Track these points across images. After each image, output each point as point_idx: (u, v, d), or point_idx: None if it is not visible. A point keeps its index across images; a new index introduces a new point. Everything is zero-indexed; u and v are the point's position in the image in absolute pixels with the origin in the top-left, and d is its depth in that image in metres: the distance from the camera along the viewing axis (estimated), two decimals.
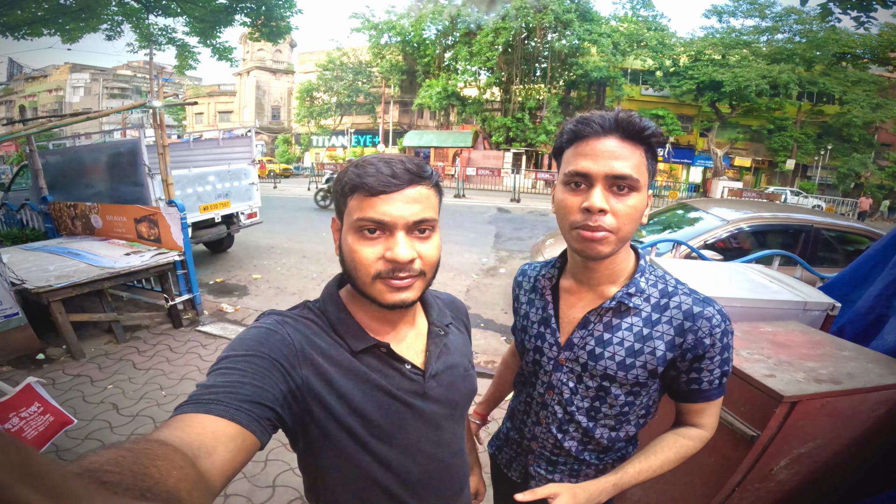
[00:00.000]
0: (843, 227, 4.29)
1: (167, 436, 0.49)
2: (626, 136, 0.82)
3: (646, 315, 0.90)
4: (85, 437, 2.71)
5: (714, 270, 2.15)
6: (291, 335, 0.72)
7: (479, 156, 27.33)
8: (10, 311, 3.54)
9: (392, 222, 0.69)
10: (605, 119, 0.83)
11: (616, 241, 0.85)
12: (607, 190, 0.83)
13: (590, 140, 0.83)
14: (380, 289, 0.72)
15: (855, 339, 1.69)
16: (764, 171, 29.63)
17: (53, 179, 5.97)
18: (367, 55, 31.63)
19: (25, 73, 44.37)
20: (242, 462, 0.56)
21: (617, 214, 0.83)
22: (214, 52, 14.62)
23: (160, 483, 0.36)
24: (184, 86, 42.91)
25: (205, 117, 41.23)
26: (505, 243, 9.08)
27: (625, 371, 0.90)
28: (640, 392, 0.93)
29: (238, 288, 5.93)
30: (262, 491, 2.35)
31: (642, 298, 0.91)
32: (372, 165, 0.71)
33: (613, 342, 0.91)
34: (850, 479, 1.48)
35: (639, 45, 24.85)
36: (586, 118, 0.85)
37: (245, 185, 7.11)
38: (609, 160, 0.81)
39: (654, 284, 0.93)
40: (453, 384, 0.85)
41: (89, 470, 0.32)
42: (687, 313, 0.87)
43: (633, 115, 0.83)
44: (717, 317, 0.87)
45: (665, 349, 0.88)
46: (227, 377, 0.62)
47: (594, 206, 0.81)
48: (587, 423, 0.97)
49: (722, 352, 0.87)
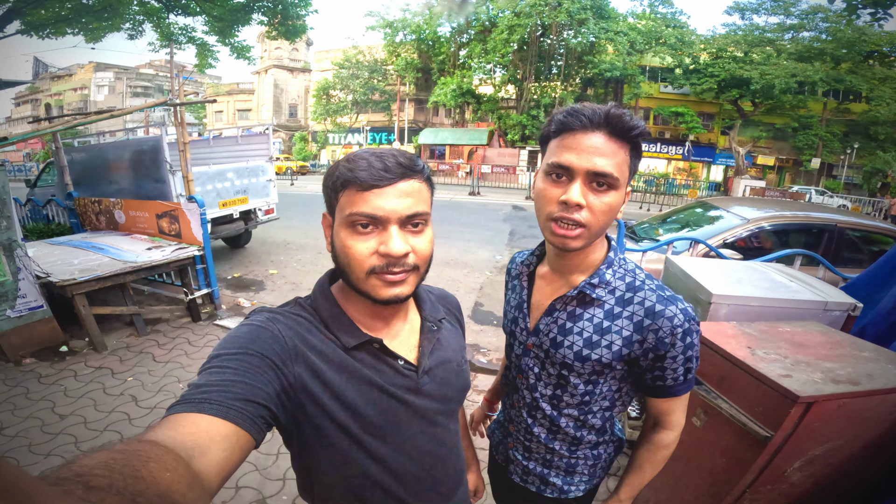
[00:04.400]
0: (868, 226, 4.16)
1: (159, 436, 0.48)
2: (613, 133, 0.82)
3: (608, 307, 0.91)
4: (104, 429, 2.77)
5: (732, 269, 2.11)
6: (283, 332, 0.71)
7: (495, 153, 27.26)
8: (34, 303, 3.65)
9: (385, 216, 0.69)
10: (595, 113, 0.82)
11: (588, 235, 0.86)
12: (586, 185, 0.83)
13: (576, 133, 0.83)
14: (374, 284, 0.72)
15: (877, 340, 1.65)
16: (788, 170, 28.94)
17: (78, 176, 6.13)
18: (383, 53, 31.77)
19: (51, 73, 45.56)
20: (238, 461, 0.55)
21: (593, 210, 0.84)
22: (233, 51, 14.87)
23: (152, 486, 0.35)
24: (204, 84, 43.63)
25: (224, 115, 41.89)
26: (519, 241, 9.04)
27: (581, 361, 0.92)
28: (598, 381, 0.94)
29: (255, 283, 6.03)
30: (273, 483, 2.39)
31: (607, 290, 0.91)
32: (363, 160, 0.70)
33: (574, 331, 0.92)
34: (867, 482, 1.45)
35: (657, 43, 24.47)
36: (576, 110, 0.84)
37: (263, 181, 7.21)
38: (592, 156, 0.81)
39: (622, 277, 0.93)
40: (446, 379, 0.85)
41: (78, 474, 0.31)
42: (649, 311, 0.87)
43: (623, 113, 0.83)
44: (678, 316, 0.86)
45: (621, 345, 0.89)
46: (219, 376, 0.61)
47: (571, 200, 0.82)
48: (551, 410, 1.00)
49: (685, 350, 0.87)
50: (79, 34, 13.14)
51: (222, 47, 14.86)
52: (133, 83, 44.81)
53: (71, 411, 2.95)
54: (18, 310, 3.57)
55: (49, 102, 7.40)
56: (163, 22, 13.72)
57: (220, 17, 13.24)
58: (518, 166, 25.15)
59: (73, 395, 3.15)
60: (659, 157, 29.04)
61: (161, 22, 13.70)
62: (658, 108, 28.04)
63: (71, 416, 2.89)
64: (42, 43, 35.71)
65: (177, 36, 14.08)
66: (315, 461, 0.76)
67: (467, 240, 8.74)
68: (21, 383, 3.28)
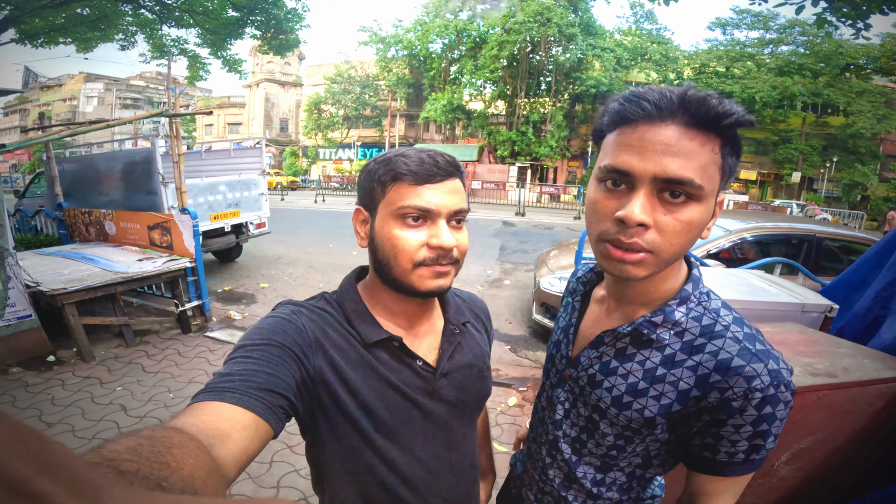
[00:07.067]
0: (846, 236, 4.31)
1: (183, 423, 0.50)
2: (694, 123, 0.60)
3: (669, 353, 0.70)
4: (92, 437, 2.75)
5: (714, 275, 2.19)
6: (306, 325, 0.73)
7: (485, 169, 27.50)
8: (23, 312, 3.62)
9: (437, 210, 0.71)
10: (665, 97, 0.61)
11: (655, 263, 0.65)
12: (655, 196, 0.62)
13: (639, 126, 0.62)
14: (420, 274, 0.73)
15: (854, 339, 1.72)
16: (770, 184, 29.57)
17: (69, 186, 6.10)
18: (375, 68, 32.13)
19: (41, 82, 45.30)
20: (256, 450, 0.56)
21: (663, 231, 0.62)
22: (225, 64, 14.97)
23: (176, 472, 0.36)
24: (194, 97, 43.61)
25: (214, 129, 41.86)
26: (510, 256, 9.12)
27: (618, 409, 0.73)
28: (632, 439, 0.74)
29: (246, 296, 6.00)
30: (267, 492, 2.37)
31: (672, 332, 0.70)
32: (415, 156, 0.73)
33: (618, 373, 0.74)
34: (854, 475, 1.50)
35: (643, 59, 25.11)
36: (638, 95, 0.63)
37: (255, 195, 7.21)
38: (662, 157, 0.60)
39: (698, 318, 0.70)
40: (465, 384, 0.84)
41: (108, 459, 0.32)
42: (721, 364, 0.65)
43: (708, 96, 0.60)
44: (763, 378, 0.62)
45: (673, 398, 0.68)
46: (242, 366, 0.62)
47: (632, 218, 0.61)
48: (570, 455, 0.83)
49: (757, 422, 0.63)
50: (71, 44, 13.16)
51: (214, 60, 14.93)
52: (123, 95, 44.66)
53: (59, 420, 2.92)
54: (7, 318, 3.53)
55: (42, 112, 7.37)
56: (155, 33, 13.81)
57: (213, 29, 13.37)
58: (508, 182, 25.38)
59: (60, 403, 3.11)
60: None
61: (154, 33, 13.80)
62: None
63: (59, 425, 2.86)
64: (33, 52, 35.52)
65: (168, 48, 14.16)
66: (325, 455, 0.77)
67: None
68: (7, 392, 3.24)
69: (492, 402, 3.28)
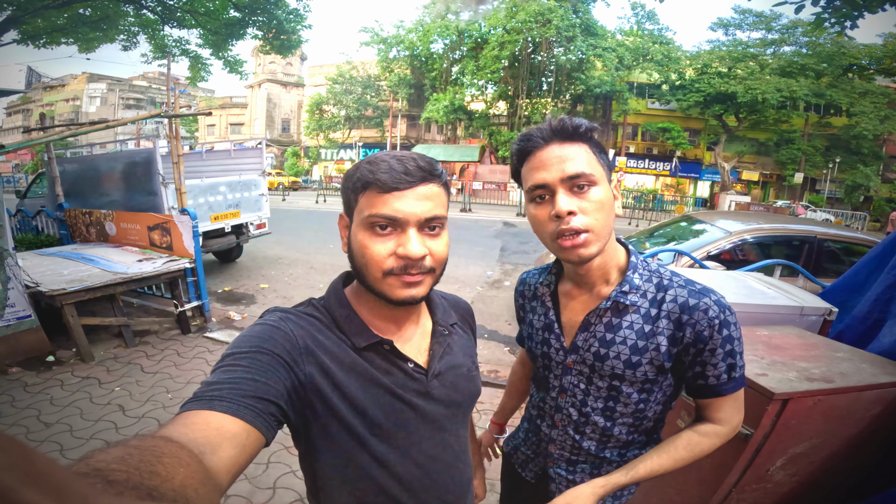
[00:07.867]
0: (847, 238, 4.28)
1: (172, 433, 0.49)
2: (565, 138, 0.86)
3: (644, 311, 0.90)
4: (90, 437, 2.76)
5: (713, 277, 2.18)
6: (294, 332, 0.72)
7: (486, 170, 27.48)
8: (22, 312, 3.62)
9: (404, 219, 0.70)
10: (542, 130, 0.87)
11: (595, 238, 0.85)
12: (568, 192, 0.85)
13: (536, 153, 0.87)
14: (390, 284, 0.72)
15: (854, 343, 1.71)
16: (772, 185, 29.51)
17: (69, 187, 6.12)
18: (376, 69, 32.11)
19: (43, 83, 45.44)
20: (248, 459, 0.56)
21: (586, 212, 0.84)
22: (226, 65, 15.01)
23: (167, 481, 0.35)
24: (196, 97, 43.72)
25: (216, 129, 41.92)
26: (510, 256, 9.11)
27: (632, 369, 0.90)
28: (652, 389, 0.93)
29: (246, 297, 6.01)
30: (263, 493, 2.37)
31: (638, 295, 0.91)
32: (385, 162, 0.71)
33: (617, 341, 0.91)
34: (849, 480, 1.49)
35: (644, 59, 25.05)
36: (527, 135, 0.89)
37: (255, 195, 7.22)
38: (559, 164, 0.84)
39: (649, 279, 0.92)
40: (456, 384, 0.85)
41: (96, 469, 0.32)
42: (683, 306, 0.87)
43: (565, 119, 0.87)
44: (713, 308, 0.85)
45: (668, 344, 0.88)
46: (231, 374, 0.61)
47: (561, 210, 0.83)
48: (604, 422, 0.97)
49: (724, 343, 0.85)
50: (73, 44, 13.21)
51: (215, 61, 14.95)
52: (125, 95, 44.75)
53: (57, 419, 2.92)
54: (6, 319, 3.54)
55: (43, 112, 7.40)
56: (157, 34, 13.84)
57: (215, 30, 13.41)
58: (509, 183, 25.34)
59: (59, 403, 3.12)
60: (647, 174, 29.48)
61: (156, 34, 13.84)
62: (646, 125, 28.57)
63: (57, 425, 2.87)
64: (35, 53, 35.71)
65: (170, 48, 14.18)
66: (320, 462, 0.76)
67: (458, 255, 8.78)
68: (6, 391, 3.25)
69: (491, 402, 3.27)
